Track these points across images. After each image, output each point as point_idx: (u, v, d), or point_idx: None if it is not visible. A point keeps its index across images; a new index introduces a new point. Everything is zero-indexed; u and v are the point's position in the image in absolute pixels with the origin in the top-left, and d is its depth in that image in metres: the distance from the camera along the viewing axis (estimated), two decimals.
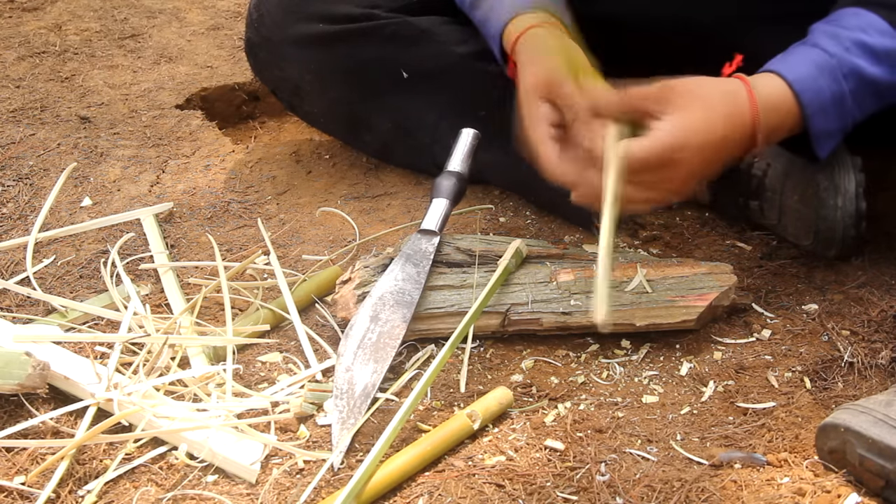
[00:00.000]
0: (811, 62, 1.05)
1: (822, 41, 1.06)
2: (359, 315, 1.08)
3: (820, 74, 1.04)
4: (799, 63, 1.05)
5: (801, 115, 1.05)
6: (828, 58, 1.05)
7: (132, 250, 1.30)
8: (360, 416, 0.99)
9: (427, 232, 1.16)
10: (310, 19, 1.40)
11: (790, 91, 1.04)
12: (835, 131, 1.08)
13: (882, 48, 1.05)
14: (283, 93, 1.53)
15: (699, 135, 1.00)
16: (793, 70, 1.05)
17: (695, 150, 1.00)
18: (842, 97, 1.05)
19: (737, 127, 1.02)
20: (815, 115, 1.05)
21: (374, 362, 1.04)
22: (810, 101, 1.04)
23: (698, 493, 0.90)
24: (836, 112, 1.06)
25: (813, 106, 1.04)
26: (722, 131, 1.01)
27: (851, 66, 1.05)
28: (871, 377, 1.06)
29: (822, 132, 1.07)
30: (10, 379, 1.00)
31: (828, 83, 1.04)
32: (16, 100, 1.73)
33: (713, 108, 1.01)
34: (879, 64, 1.05)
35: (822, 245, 1.20)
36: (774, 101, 1.03)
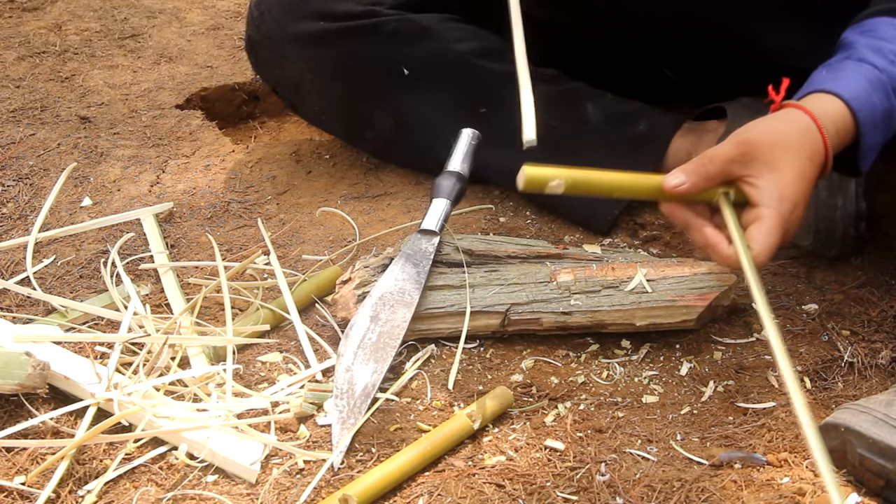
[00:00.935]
0: (863, 79, 1.03)
1: (869, 56, 1.04)
2: (359, 315, 1.08)
3: (873, 91, 1.02)
4: (852, 80, 1.03)
5: (855, 132, 1.02)
6: (878, 73, 1.03)
7: (132, 250, 1.30)
8: (360, 416, 0.99)
9: (427, 232, 1.16)
10: (310, 17, 1.40)
11: (848, 111, 1.01)
12: (879, 145, 1.06)
13: None
14: (283, 91, 1.53)
15: (801, 188, 0.99)
16: (849, 88, 1.02)
17: (802, 203, 0.99)
18: (891, 112, 1.03)
19: (818, 162, 1.01)
20: (868, 133, 1.03)
21: (374, 362, 1.04)
22: (865, 118, 1.02)
23: (698, 493, 0.90)
24: (885, 126, 1.04)
25: (867, 124, 1.02)
26: (812, 173, 1.00)
27: None
28: (871, 377, 1.06)
29: (870, 147, 1.05)
30: (10, 379, 1.00)
31: (880, 99, 1.03)
32: (16, 100, 1.73)
33: (799, 153, 0.99)
34: None
35: (822, 245, 1.20)
36: (837, 125, 1.01)
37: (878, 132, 1.04)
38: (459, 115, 1.30)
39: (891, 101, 1.03)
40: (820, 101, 1.02)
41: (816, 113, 1.00)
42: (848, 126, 1.01)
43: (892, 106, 1.03)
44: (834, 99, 1.01)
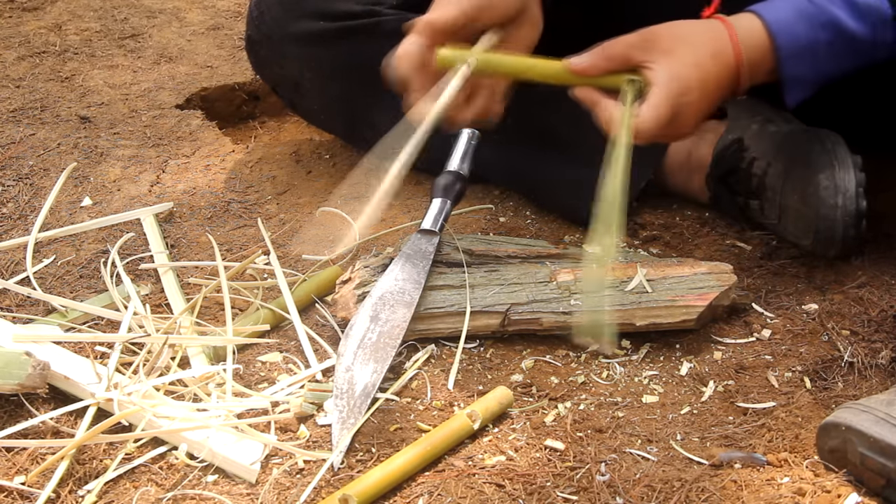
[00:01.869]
0: (791, 6, 1.07)
1: None
2: (359, 315, 1.08)
3: (799, 20, 1.06)
4: (779, 5, 1.08)
5: (775, 56, 1.07)
6: (808, 4, 1.07)
7: (132, 250, 1.30)
8: (360, 416, 0.99)
9: (427, 232, 1.16)
10: (310, 16, 1.40)
11: (767, 32, 1.06)
12: (806, 80, 1.09)
13: (864, 4, 1.07)
14: (283, 90, 1.53)
15: (695, 75, 1.03)
16: (772, 12, 1.07)
17: (696, 91, 1.03)
18: (816, 45, 1.07)
19: (723, 65, 1.05)
20: (788, 59, 1.07)
21: (374, 362, 1.04)
22: (785, 44, 1.06)
23: (698, 493, 0.90)
24: (811, 60, 1.08)
25: (787, 49, 1.06)
26: (713, 69, 1.04)
27: (831, 16, 1.06)
28: (871, 377, 1.06)
29: (793, 78, 1.09)
30: (10, 379, 1.00)
31: (804, 30, 1.06)
32: (16, 100, 1.73)
33: (700, 46, 1.04)
34: (860, 19, 1.07)
35: (822, 245, 1.20)
36: (753, 41, 1.06)
37: (802, 64, 1.07)
38: None
39: (817, 34, 1.06)
40: (743, 19, 1.07)
41: (734, 25, 1.06)
42: (767, 47, 1.06)
43: (817, 39, 1.07)
44: (755, 18, 1.07)
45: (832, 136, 1.20)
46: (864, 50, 1.09)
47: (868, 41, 1.08)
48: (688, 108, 1.03)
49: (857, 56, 1.09)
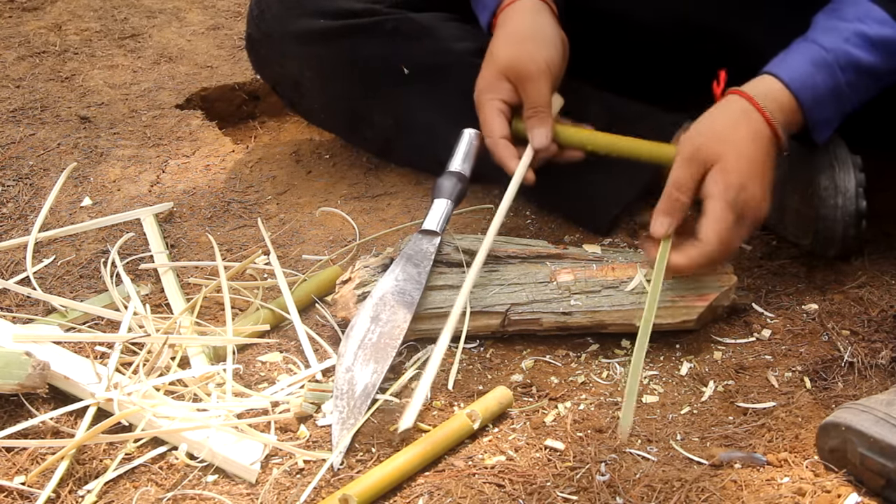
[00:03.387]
0: (807, 60, 1.10)
1: (820, 36, 1.11)
2: (359, 315, 1.08)
3: (816, 71, 1.10)
4: (795, 62, 1.11)
5: (802, 110, 1.10)
6: (824, 53, 1.10)
7: (132, 250, 1.30)
8: (360, 417, 0.99)
9: (428, 232, 1.16)
10: (310, 15, 1.40)
11: (788, 91, 1.10)
12: (832, 118, 1.13)
13: (878, 37, 1.10)
14: (283, 89, 1.53)
15: (746, 168, 1.07)
16: (788, 71, 1.10)
17: (751, 181, 1.07)
18: (838, 89, 1.10)
19: (763, 141, 1.09)
20: (812, 109, 1.10)
21: (375, 362, 1.04)
22: (806, 97, 1.10)
23: (698, 493, 0.90)
24: (834, 102, 1.11)
25: (809, 101, 1.10)
26: (758, 152, 1.08)
27: (848, 57, 1.10)
28: (871, 377, 1.05)
29: (819, 121, 1.12)
30: (10, 379, 1.00)
31: (823, 78, 1.10)
32: (16, 100, 1.73)
33: (741, 141, 1.08)
34: (875, 52, 1.10)
35: (822, 245, 1.20)
36: (779, 103, 1.10)
37: (826, 108, 1.11)
38: (459, 114, 1.30)
39: (836, 78, 1.10)
40: (763, 84, 1.11)
41: (757, 95, 1.09)
42: (792, 105, 1.10)
43: (838, 83, 1.10)
44: (774, 81, 1.10)
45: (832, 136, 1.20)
46: (882, 78, 1.12)
47: (885, 69, 1.11)
48: (751, 200, 1.08)
49: (878, 82, 1.13)
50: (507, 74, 1.20)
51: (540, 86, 1.19)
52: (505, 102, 1.21)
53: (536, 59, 1.19)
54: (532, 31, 1.21)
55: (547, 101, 1.19)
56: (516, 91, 1.20)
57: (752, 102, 1.09)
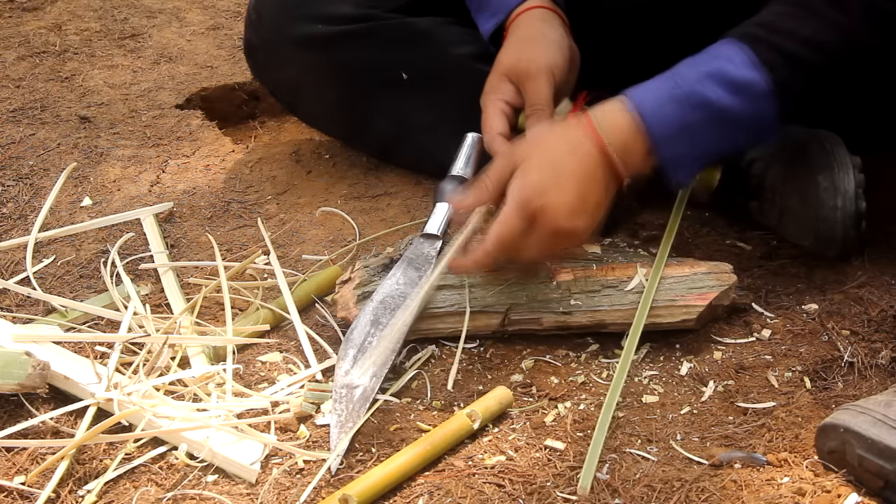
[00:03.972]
0: (661, 89, 1.06)
1: (682, 70, 1.06)
2: (359, 319, 1.08)
3: (667, 101, 1.04)
4: (650, 89, 1.06)
5: (648, 137, 1.05)
6: (679, 86, 1.05)
7: (132, 250, 1.30)
8: (358, 420, 0.98)
9: (430, 236, 1.16)
10: (309, 20, 1.40)
11: (633, 114, 1.05)
12: (687, 160, 1.07)
13: (739, 79, 1.04)
14: (282, 94, 1.53)
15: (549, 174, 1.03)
16: (640, 95, 1.06)
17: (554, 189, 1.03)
18: (689, 127, 1.04)
19: (585, 156, 1.04)
20: (662, 143, 1.05)
21: (374, 366, 1.03)
22: (654, 126, 1.04)
23: (698, 493, 0.90)
24: (685, 140, 1.05)
25: (658, 132, 1.04)
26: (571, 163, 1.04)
27: (700, 97, 1.04)
28: (871, 377, 1.05)
29: (671, 159, 1.06)
30: (10, 379, 1.00)
31: (673, 110, 1.04)
32: (16, 100, 1.73)
33: (553, 147, 1.05)
34: (736, 95, 1.04)
35: (822, 245, 1.20)
36: (619, 124, 1.05)
37: (676, 144, 1.05)
38: (459, 118, 1.30)
39: (686, 114, 1.04)
40: (609, 104, 1.07)
41: (595, 113, 1.06)
42: (634, 128, 1.05)
43: (689, 120, 1.04)
44: (621, 102, 1.06)
45: (831, 136, 1.20)
46: (749, 125, 1.06)
47: (750, 116, 1.05)
48: (549, 209, 1.02)
49: (746, 131, 1.07)
50: (509, 75, 1.20)
51: (539, 84, 1.17)
52: (507, 103, 1.20)
53: (537, 59, 1.18)
54: (537, 35, 1.20)
55: (546, 99, 1.18)
56: (518, 92, 1.20)
57: (586, 118, 1.06)
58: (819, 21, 1.05)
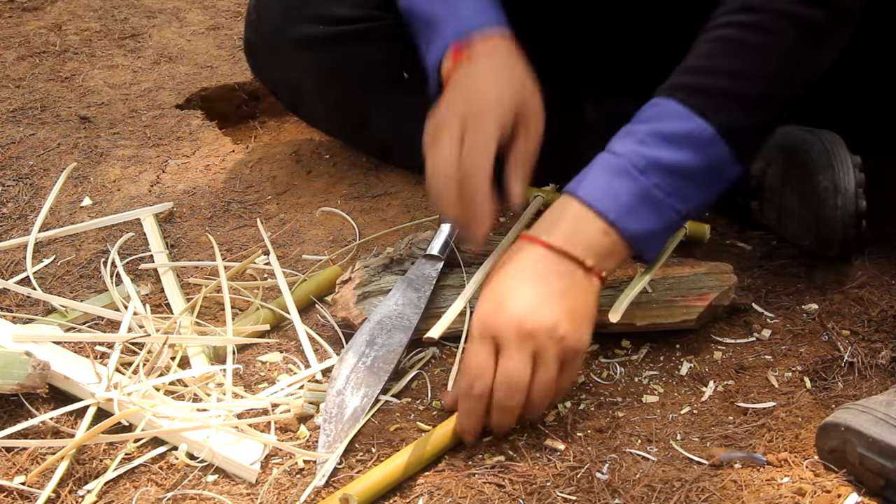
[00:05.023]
0: (603, 170, 0.98)
1: (614, 144, 1.00)
2: (356, 339, 1.07)
3: (613, 179, 0.97)
4: (591, 175, 0.99)
5: (607, 223, 0.97)
6: (616, 160, 0.98)
7: (132, 250, 1.30)
8: (345, 441, 0.97)
9: (432, 257, 1.15)
10: (309, 20, 1.40)
11: (582, 204, 0.97)
12: (658, 230, 1.00)
13: (677, 132, 0.98)
14: (282, 94, 1.53)
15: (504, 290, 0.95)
16: (584, 185, 0.98)
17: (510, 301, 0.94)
18: (646, 193, 0.97)
19: (530, 260, 0.96)
20: (622, 219, 0.97)
21: (366, 387, 1.03)
22: (607, 206, 0.96)
23: (698, 493, 0.90)
24: (649, 209, 0.97)
25: (612, 211, 0.96)
26: (525, 270, 0.96)
27: (645, 158, 0.97)
28: (871, 377, 1.05)
29: (639, 235, 0.98)
30: (10, 379, 1.00)
31: (623, 184, 0.97)
32: (16, 100, 1.73)
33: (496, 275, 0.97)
34: (678, 148, 0.98)
35: (822, 245, 1.20)
36: (572, 223, 0.97)
37: (640, 216, 0.97)
38: None
39: (639, 182, 0.97)
40: (552, 213, 0.99)
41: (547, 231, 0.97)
42: (586, 217, 0.97)
43: (643, 186, 0.97)
44: (567, 202, 0.98)
45: (831, 136, 1.20)
46: (705, 176, 1.00)
47: (699, 166, 0.98)
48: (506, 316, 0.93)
49: (704, 184, 1.00)
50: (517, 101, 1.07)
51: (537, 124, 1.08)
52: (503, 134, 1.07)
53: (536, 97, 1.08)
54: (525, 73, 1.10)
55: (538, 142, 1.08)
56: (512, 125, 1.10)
57: (533, 240, 0.97)
58: (748, 50, 1.00)
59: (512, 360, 0.93)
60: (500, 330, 0.93)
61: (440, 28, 1.12)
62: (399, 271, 1.15)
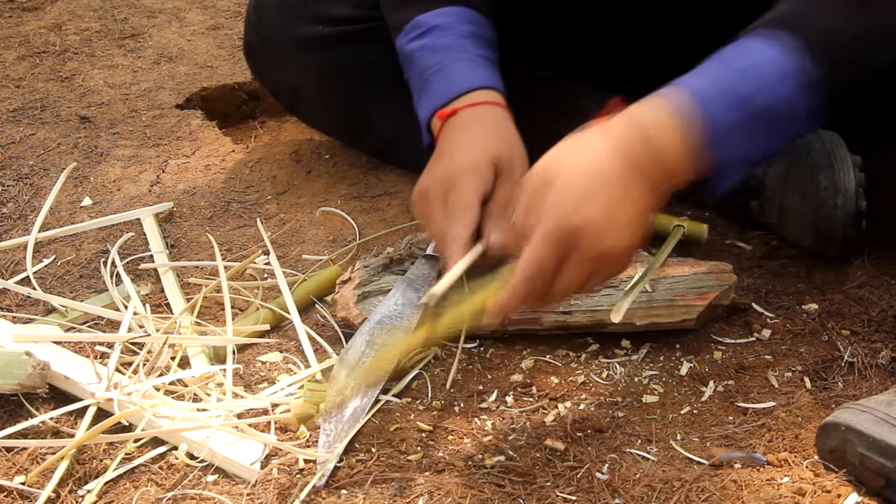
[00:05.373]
0: (701, 86, 0.92)
1: (714, 67, 0.95)
2: (355, 339, 1.07)
3: (713, 97, 0.91)
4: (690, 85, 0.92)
5: (695, 138, 0.90)
6: (720, 80, 0.92)
7: (132, 250, 1.30)
8: (345, 441, 0.97)
9: (432, 258, 1.15)
10: (309, 21, 1.40)
11: (677, 112, 0.90)
12: (735, 160, 0.93)
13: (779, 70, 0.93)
14: (282, 94, 1.53)
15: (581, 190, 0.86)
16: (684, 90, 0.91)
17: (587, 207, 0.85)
18: (736, 123, 0.91)
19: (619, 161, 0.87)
20: (711, 141, 0.90)
21: (366, 387, 1.03)
22: (703, 123, 0.90)
23: (698, 493, 0.90)
24: (735, 139, 0.92)
25: (706, 128, 0.90)
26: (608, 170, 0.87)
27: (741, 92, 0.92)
28: (871, 377, 1.05)
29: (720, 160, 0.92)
30: (10, 379, 1.00)
31: (719, 107, 0.91)
32: (16, 100, 1.73)
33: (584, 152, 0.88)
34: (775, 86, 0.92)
35: (822, 245, 1.20)
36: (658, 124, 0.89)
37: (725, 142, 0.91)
38: None
39: (730, 111, 0.91)
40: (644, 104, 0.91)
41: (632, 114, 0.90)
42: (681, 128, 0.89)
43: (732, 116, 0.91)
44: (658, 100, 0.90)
45: (831, 135, 1.20)
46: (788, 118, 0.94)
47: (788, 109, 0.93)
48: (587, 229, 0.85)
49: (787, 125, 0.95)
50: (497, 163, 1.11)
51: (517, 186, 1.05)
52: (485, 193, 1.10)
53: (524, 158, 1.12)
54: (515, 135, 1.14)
55: None
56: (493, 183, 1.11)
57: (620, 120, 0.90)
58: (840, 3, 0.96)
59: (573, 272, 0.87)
60: (576, 240, 0.86)
61: (432, 88, 1.18)
62: (399, 271, 1.15)
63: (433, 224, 1.09)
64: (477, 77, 1.17)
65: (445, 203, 1.08)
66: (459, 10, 1.22)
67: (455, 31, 1.20)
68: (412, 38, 1.22)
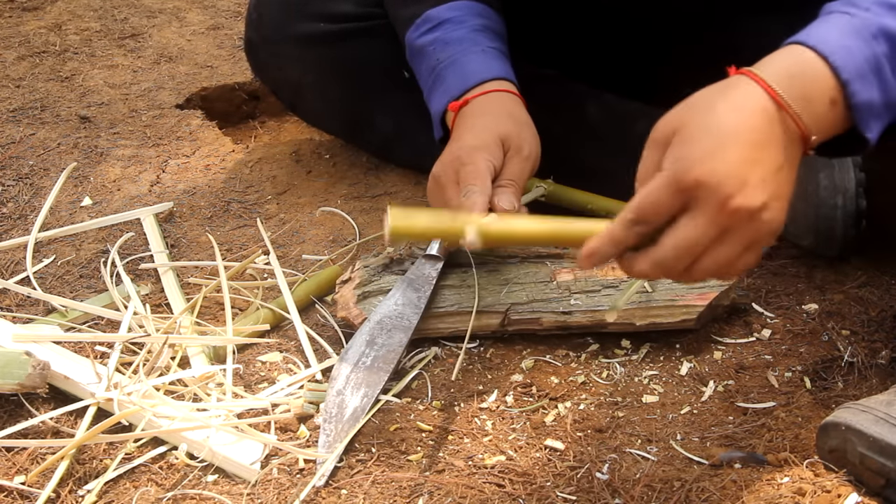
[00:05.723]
0: (832, 25, 0.84)
1: (838, 6, 0.86)
2: (355, 339, 1.07)
3: (845, 35, 0.83)
4: (819, 27, 0.85)
5: (836, 81, 0.82)
6: (849, 18, 0.84)
7: (132, 250, 1.30)
8: (345, 440, 0.97)
9: (432, 257, 1.15)
10: (310, 19, 1.40)
11: (813, 54, 0.82)
12: (878, 105, 0.85)
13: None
14: (283, 93, 1.53)
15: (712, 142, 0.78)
16: (814, 35, 0.84)
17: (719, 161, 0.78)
18: (877, 60, 0.83)
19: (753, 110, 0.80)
20: (854, 81, 0.82)
21: (366, 387, 1.03)
22: (843, 61, 0.82)
23: (698, 493, 0.90)
24: (876, 78, 0.84)
25: (848, 68, 0.82)
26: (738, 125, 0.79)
27: (879, 25, 0.84)
28: (871, 377, 1.05)
29: (865, 104, 0.84)
30: (10, 379, 1.00)
31: (857, 43, 0.83)
32: (16, 100, 1.73)
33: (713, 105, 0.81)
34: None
35: (822, 244, 1.20)
36: (795, 69, 0.82)
37: (869, 84, 0.84)
38: None
39: (872, 47, 0.83)
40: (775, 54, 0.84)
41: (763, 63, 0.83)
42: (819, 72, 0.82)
43: (875, 53, 0.83)
44: (791, 47, 0.84)
45: None
46: None
47: None
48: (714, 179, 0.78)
49: None
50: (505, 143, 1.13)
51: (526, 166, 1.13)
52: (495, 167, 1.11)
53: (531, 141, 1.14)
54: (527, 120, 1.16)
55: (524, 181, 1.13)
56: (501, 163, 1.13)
57: (747, 71, 0.83)
58: None
59: (696, 228, 0.79)
60: (700, 192, 0.78)
61: (446, 80, 1.19)
62: (399, 271, 1.15)
63: (448, 204, 1.09)
64: (490, 68, 1.18)
65: (458, 182, 1.08)
66: (470, 3, 1.23)
67: (467, 25, 1.21)
68: (423, 31, 1.23)
